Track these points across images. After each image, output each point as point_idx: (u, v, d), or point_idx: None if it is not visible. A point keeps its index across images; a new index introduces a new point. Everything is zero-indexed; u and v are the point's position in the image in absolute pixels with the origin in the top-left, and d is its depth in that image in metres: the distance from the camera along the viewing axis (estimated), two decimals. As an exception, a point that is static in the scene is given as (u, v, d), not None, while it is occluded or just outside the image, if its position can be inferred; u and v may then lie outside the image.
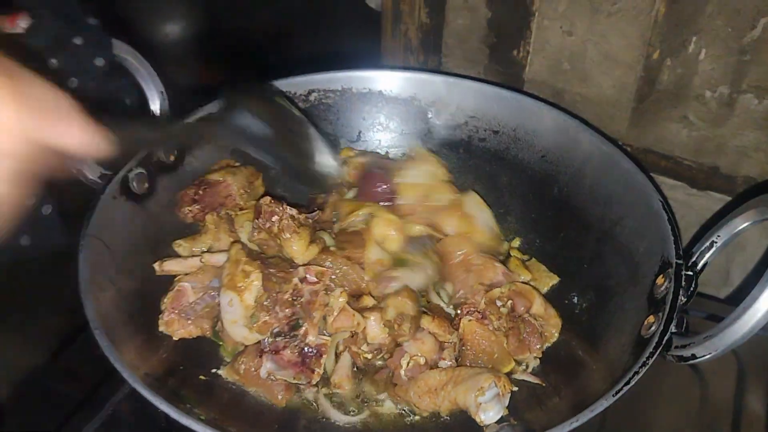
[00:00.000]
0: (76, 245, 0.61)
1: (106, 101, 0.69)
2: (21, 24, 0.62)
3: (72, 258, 0.61)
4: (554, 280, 0.78)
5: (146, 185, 0.72)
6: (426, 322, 0.71)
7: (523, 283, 0.75)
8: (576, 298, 0.75)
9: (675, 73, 0.89)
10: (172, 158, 0.76)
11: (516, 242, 0.84)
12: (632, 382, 0.54)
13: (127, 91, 0.71)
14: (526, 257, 0.82)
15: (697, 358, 0.54)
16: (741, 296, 0.54)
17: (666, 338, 0.57)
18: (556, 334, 0.72)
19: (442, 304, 0.75)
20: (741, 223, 0.60)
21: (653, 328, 0.59)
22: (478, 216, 0.79)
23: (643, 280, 0.66)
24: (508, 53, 0.96)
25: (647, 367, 0.55)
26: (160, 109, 0.77)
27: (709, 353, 0.54)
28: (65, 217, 0.67)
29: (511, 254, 0.81)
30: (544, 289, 0.77)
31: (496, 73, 0.98)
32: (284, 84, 0.83)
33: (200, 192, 0.77)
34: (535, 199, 0.83)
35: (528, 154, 0.84)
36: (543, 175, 0.82)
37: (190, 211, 0.76)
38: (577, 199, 0.79)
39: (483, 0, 0.93)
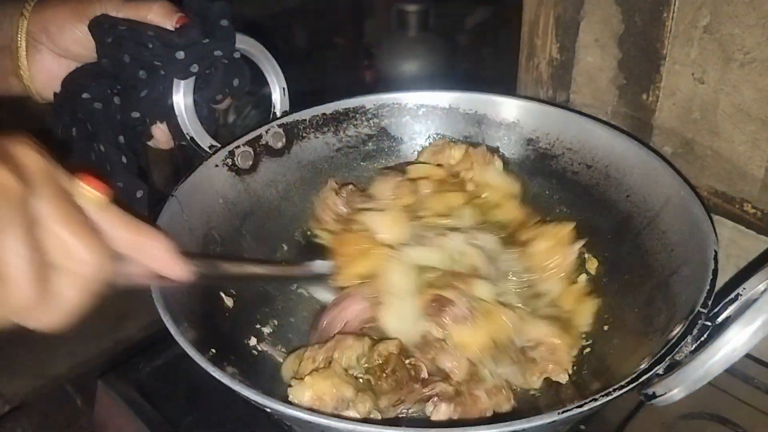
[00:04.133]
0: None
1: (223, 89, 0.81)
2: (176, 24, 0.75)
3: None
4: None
5: (250, 163, 0.84)
6: None
7: None
8: (616, 340, 0.72)
9: (814, 135, 0.81)
10: (279, 145, 0.87)
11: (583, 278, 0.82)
12: (584, 407, 0.52)
13: (245, 83, 0.82)
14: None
15: (657, 396, 0.51)
16: None
17: (647, 376, 0.54)
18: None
19: None
20: (763, 278, 0.55)
21: (642, 365, 0.56)
22: None
23: (673, 328, 0.62)
24: (637, 96, 0.94)
25: (610, 397, 0.53)
26: (280, 106, 0.88)
27: (665, 392, 0.50)
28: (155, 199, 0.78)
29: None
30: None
31: (625, 116, 0.96)
32: (396, 97, 0.91)
33: None
34: (612, 238, 0.81)
35: (615, 193, 0.82)
36: (625, 215, 0.80)
37: None
38: (649, 243, 0.76)
39: (614, 39, 0.93)
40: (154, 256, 0.51)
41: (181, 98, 0.77)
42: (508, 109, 0.90)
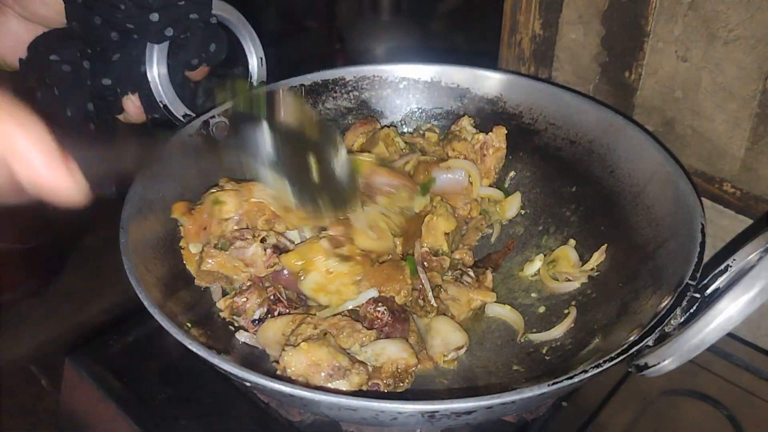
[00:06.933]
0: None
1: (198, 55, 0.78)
2: None
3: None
4: None
5: (225, 134, 0.81)
6: None
7: None
8: (600, 314, 0.71)
9: (795, 114, 0.81)
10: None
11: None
12: (575, 379, 0.51)
13: (222, 49, 0.80)
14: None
15: (649, 367, 0.50)
16: None
17: (637, 347, 0.53)
18: None
19: None
20: (755, 249, 0.54)
21: (632, 337, 0.55)
22: None
23: (661, 300, 0.61)
24: (620, 74, 0.93)
25: (600, 369, 0.52)
26: (257, 75, 0.85)
27: (659, 362, 0.49)
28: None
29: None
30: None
31: (606, 94, 0.95)
32: (377, 70, 0.89)
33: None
34: (595, 214, 0.80)
35: (598, 169, 0.81)
36: (608, 191, 0.79)
37: None
38: (634, 218, 0.75)
39: (597, 15, 0.92)
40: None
41: (155, 64, 0.74)
42: (491, 83, 0.88)
